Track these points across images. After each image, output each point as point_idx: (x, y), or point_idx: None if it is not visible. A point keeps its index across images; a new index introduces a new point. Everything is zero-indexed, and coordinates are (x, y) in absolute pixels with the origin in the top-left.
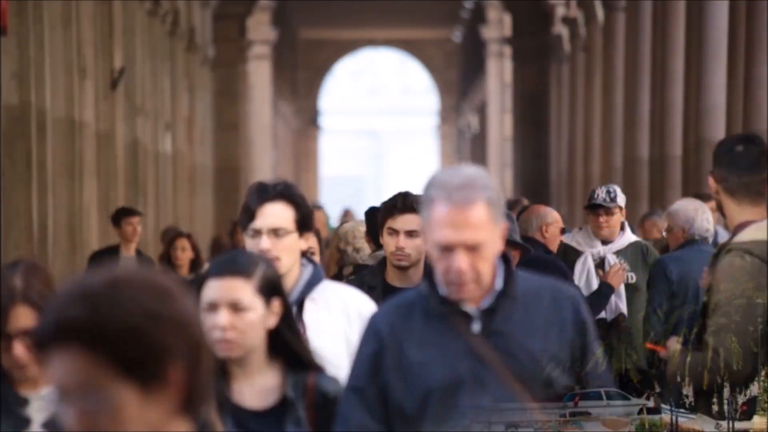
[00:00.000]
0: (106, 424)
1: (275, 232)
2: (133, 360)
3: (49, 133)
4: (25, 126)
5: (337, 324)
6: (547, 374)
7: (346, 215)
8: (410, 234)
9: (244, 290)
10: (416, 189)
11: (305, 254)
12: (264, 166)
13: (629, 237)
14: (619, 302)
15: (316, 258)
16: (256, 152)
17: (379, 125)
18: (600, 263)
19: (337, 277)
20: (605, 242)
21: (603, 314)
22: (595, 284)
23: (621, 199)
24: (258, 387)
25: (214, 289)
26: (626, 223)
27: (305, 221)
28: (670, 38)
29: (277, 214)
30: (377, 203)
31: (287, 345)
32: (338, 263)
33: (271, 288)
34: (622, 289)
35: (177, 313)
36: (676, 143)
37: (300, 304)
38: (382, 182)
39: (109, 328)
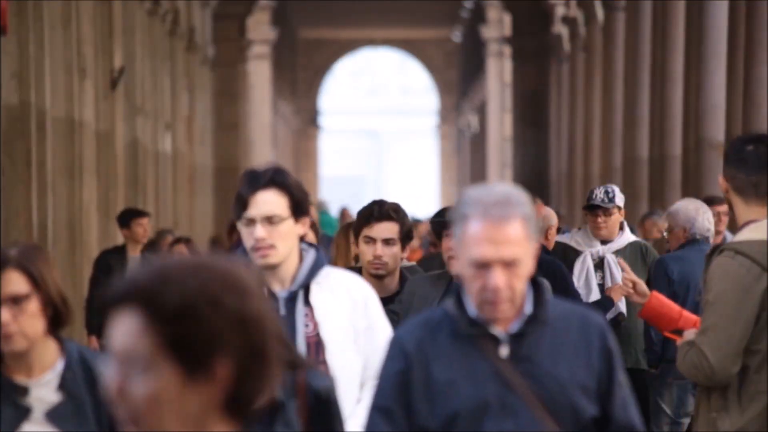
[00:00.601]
0: (141, 398)
1: (269, 220)
2: (181, 339)
3: (48, 132)
4: (25, 126)
5: (343, 308)
6: (574, 402)
7: (344, 214)
8: (387, 242)
9: None
10: (416, 188)
11: (304, 239)
12: None
13: (628, 237)
14: (619, 302)
15: None
16: (256, 152)
17: (379, 125)
18: (599, 263)
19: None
20: (604, 242)
21: None
22: (594, 284)
23: (619, 199)
24: None
25: None
26: (625, 223)
27: (299, 206)
28: (670, 38)
29: (269, 201)
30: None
31: None
32: (355, 259)
33: None
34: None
35: (244, 310)
36: (676, 143)
37: (305, 288)
38: (382, 182)
39: (167, 297)
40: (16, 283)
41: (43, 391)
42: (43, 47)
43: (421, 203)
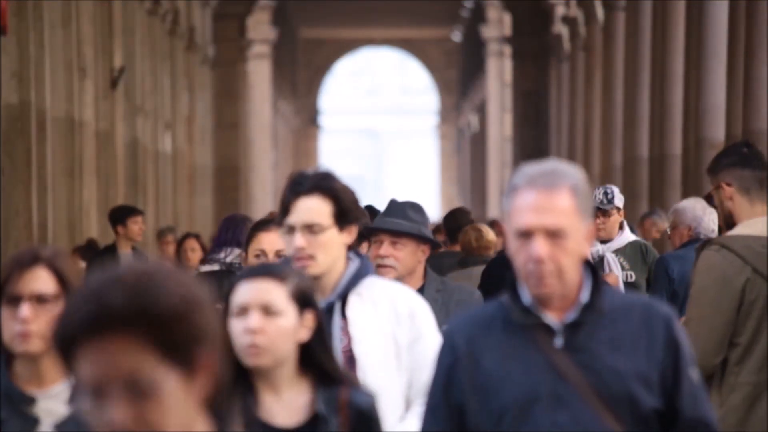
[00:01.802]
0: (154, 413)
1: (309, 228)
2: (174, 343)
3: (48, 132)
4: (25, 125)
5: (384, 322)
6: (632, 393)
7: None
8: None
9: (278, 293)
10: (416, 188)
11: (351, 248)
12: (264, 165)
13: (628, 236)
14: None
15: None
16: (256, 152)
17: (379, 125)
18: (599, 262)
19: None
20: (604, 241)
21: None
22: None
23: (618, 200)
24: (287, 403)
25: (245, 291)
26: (625, 222)
27: (345, 214)
28: (670, 38)
29: (311, 208)
30: (375, 202)
31: (318, 362)
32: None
33: (304, 299)
34: (621, 287)
35: (207, 299)
36: (676, 143)
37: (344, 298)
38: (382, 182)
39: (150, 311)
40: (45, 281)
41: (52, 402)
42: (43, 47)
43: (421, 203)
